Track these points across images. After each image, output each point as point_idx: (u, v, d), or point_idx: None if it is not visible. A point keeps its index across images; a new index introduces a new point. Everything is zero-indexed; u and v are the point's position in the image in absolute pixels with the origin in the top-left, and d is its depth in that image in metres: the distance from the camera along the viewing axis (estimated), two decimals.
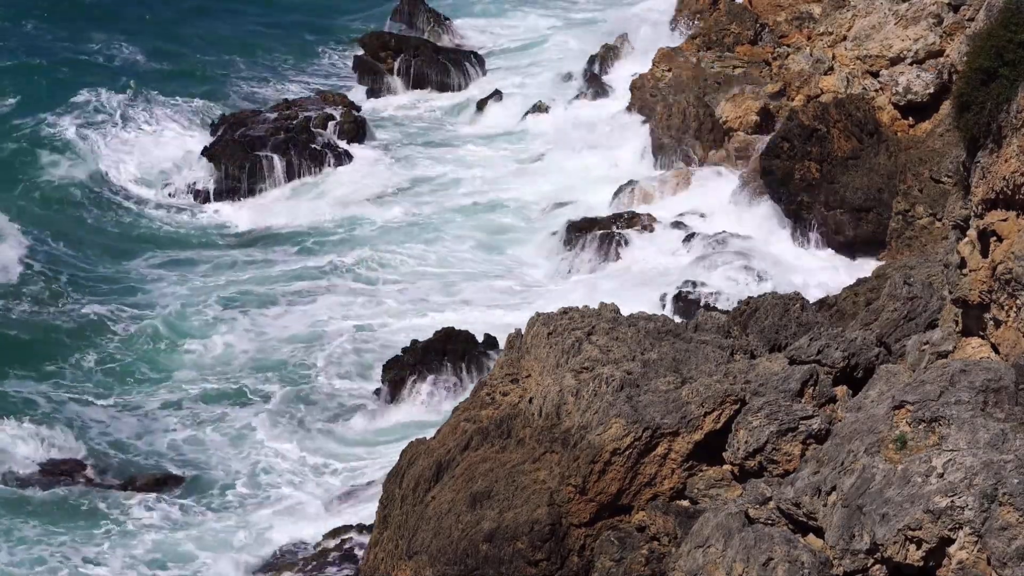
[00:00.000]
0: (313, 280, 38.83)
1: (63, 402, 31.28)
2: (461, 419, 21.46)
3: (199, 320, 35.76)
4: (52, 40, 61.71)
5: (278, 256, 41.08)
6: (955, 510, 13.08)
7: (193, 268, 40.04)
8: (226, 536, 26.40)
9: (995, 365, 14.46)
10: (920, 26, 41.10)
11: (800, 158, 39.34)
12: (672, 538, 17.40)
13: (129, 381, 32.80)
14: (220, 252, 41.54)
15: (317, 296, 37.72)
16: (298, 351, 34.28)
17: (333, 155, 48.59)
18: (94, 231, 42.83)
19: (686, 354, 19.78)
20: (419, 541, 19.30)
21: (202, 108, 54.02)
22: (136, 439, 30.22)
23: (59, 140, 49.57)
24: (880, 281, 25.82)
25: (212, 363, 33.79)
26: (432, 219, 43.86)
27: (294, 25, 67.57)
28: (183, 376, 33.07)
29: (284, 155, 47.84)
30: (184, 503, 27.67)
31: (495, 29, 67.58)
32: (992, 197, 15.70)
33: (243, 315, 36.18)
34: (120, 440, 30.12)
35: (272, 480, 28.54)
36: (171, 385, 32.66)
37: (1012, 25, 15.44)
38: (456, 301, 37.76)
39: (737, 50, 48.24)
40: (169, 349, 34.38)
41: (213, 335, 34.98)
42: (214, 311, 36.27)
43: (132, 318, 35.98)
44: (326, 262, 39.94)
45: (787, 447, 17.20)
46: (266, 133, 49.14)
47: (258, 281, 38.78)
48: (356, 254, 40.39)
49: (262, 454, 29.50)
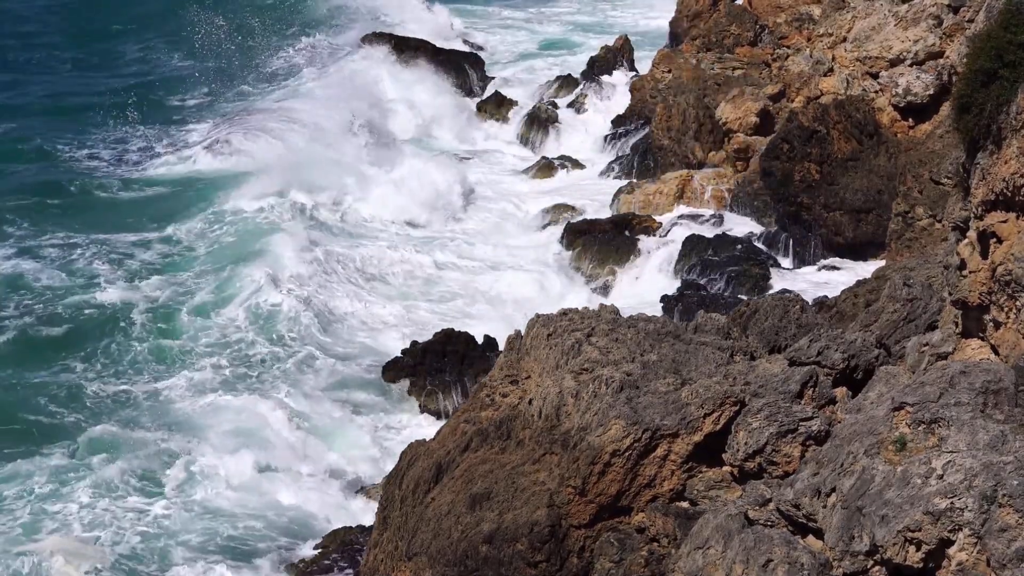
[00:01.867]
0: (314, 279, 38.86)
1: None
2: (461, 420, 21.46)
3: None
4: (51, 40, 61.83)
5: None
6: (955, 511, 13.08)
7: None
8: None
9: (995, 367, 14.46)
10: (920, 27, 41.12)
11: (800, 159, 39.38)
12: (672, 539, 17.39)
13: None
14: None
15: (318, 296, 37.73)
16: (299, 351, 34.29)
17: None
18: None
19: (686, 355, 19.78)
20: (419, 542, 19.30)
21: (203, 108, 54.16)
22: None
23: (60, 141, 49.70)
24: (880, 282, 25.82)
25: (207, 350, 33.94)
26: (432, 219, 43.88)
27: (294, 25, 67.68)
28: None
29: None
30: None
31: (495, 29, 67.66)
32: (992, 198, 15.69)
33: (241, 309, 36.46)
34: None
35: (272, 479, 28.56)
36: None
37: (1012, 26, 15.44)
38: (456, 301, 37.78)
39: (737, 51, 48.28)
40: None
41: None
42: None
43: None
44: (328, 262, 39.96)
45: (787, 448, 17.20)
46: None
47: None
48: (356, 254, 40.41)
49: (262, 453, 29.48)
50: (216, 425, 30.48)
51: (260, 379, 32.77)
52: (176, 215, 43.27)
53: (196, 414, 30.94)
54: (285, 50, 64.55)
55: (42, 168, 47.64)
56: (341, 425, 30.84)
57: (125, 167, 48.15)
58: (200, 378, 32.68)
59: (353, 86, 55.56)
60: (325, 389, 32.42)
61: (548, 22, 69.72)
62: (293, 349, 34.45)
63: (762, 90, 43.92)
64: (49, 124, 52.42)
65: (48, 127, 52.03)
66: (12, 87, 57.08)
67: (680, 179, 42.39)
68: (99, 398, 31.63)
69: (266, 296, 36.80)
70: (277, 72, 61.33)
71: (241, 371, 33.20)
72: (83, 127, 52.18)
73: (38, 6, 71.88)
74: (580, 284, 38.31)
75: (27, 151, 49.14)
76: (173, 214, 43.38)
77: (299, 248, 40.18)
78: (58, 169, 47.58)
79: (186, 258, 40.29)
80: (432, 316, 36.75)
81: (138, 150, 50.18)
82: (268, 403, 31.23)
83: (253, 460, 28.71)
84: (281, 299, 36.59)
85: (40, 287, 37.50)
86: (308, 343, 34.70)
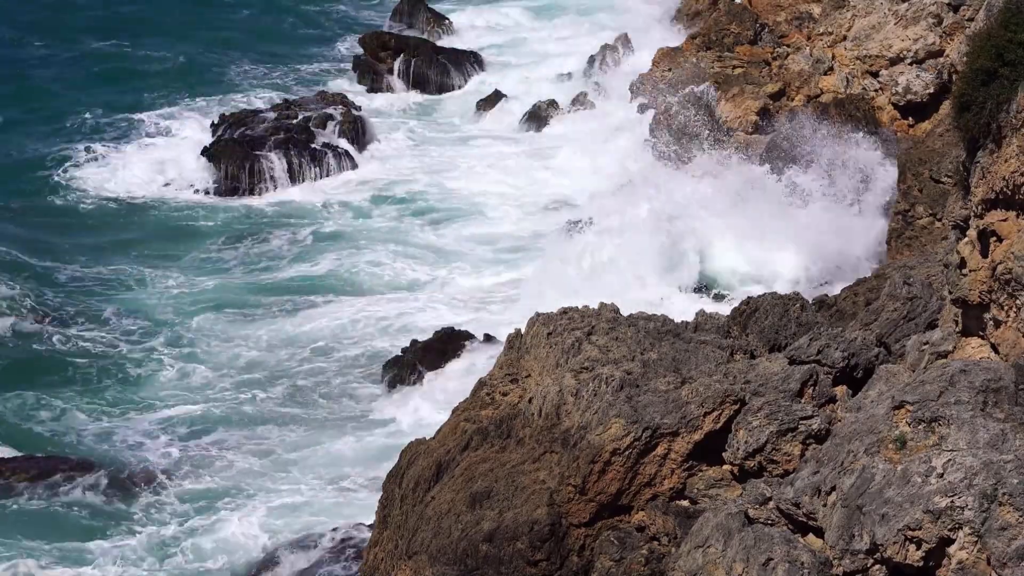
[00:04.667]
0: (314, 279, 38.87)
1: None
2: (461, 419, 21.46)
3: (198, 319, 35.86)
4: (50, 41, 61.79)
5: (279, 253, 41.10)
6: (955, 510, 13.08)
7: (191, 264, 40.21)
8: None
9: (995, 365, 14.46)
10: (920, 26, 41.12)
11: None
12: (672, 538, 17.40)
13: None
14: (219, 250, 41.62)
15: (318, 295, 37.74)
16: (300, 350, 34.27)
17: (333, 155, 48.63)
18: (89, 231, 42.86)
19: (686, 354, 19.78)
20: (419, 541, 19.30)
21: (201, 108, 54.11)
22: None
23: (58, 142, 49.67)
24: (880, 281, 25.78)
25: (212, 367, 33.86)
26: (430, 221, 43.87)
27: (293, 25, 67.63)
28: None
29: (284, 155, 47.91)
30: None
31: (495, 29, 67.60)
32: (992, 197, 15.69)
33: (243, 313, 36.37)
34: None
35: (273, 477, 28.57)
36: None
37: (1012, 25, 15.43)
38: (456, 301, 37.76)
39: (737, 50, 48.21)
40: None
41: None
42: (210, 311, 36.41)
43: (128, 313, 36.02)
44: (328, 261, 39.96)
45: (787, 447, 17.20)
46: (266, 133, 49.17)
47: (258, 279, 38.82)
48: (357, 252, 40.42)
49: (261, 452, 29.49)
50: (214, 424, 30.56)
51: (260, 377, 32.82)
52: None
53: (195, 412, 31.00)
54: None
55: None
56: (341, 425, 30.85)
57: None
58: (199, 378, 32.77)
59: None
60: (323, 387, 32.42)
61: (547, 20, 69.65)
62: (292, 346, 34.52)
63: (762, 88, 43.89)
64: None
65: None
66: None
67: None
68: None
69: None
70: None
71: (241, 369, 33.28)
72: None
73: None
74: (580, 282, 38.22)
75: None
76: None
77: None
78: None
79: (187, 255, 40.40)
80: (432, 316, 36.74)
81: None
82: (268, 402, 31.28)
83: (248, 459, 28.77)
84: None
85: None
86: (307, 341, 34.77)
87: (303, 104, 52.52)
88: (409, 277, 39.20)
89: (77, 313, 36.06)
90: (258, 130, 49.44)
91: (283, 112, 51.20)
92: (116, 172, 47.30)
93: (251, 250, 41.40)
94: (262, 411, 31.26)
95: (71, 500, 27.39)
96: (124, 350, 34.17)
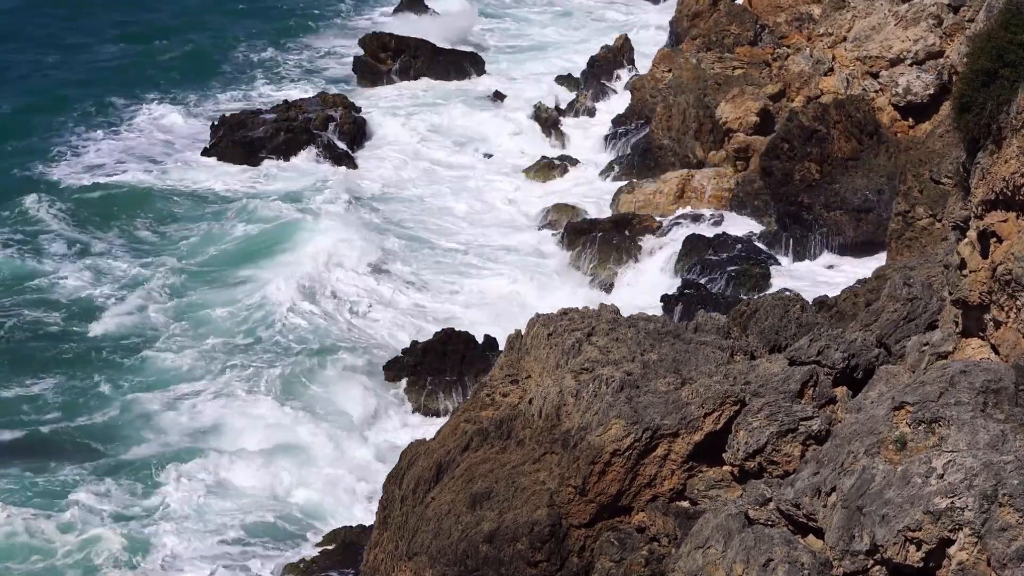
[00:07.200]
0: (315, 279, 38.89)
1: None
2: (461, 420, 21.46)
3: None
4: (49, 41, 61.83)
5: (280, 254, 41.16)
6: (955, 511, 13.08)
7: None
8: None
9: (995, 366, 14.46)
10: (920, 27, 41.14)
11: (800, 159, 39.33)
12: (672, 539, 17.40)
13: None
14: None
15: (320, 295, 37.74)
16: (300, 350, 34.28)
17: (333, 156, 48.63)
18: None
19: (686, 355, 19.78)
20: (419, 542, 19.30)
21: (202, 108, 54.16)
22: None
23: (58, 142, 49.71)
24: (880, 282, 25.80)
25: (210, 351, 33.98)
26: (431, 220, 43.90)
27: (293, 25, 67.69)
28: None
29: (285, 156, 48.00)
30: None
31: (495, 29, 67.65)
32: (992, 198, 15.70)
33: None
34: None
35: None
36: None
37: (1012, 26, 15.45)
38: (456, 300, 37.78)
39: (737, 51, 48.25)
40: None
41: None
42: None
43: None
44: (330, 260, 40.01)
45: (787, 448, 17.20)
46: (266, 134, 49.20)
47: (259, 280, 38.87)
48: (356, 253, 40.42)
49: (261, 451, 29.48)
50: (215, 424, 30.55)
51: (260, 378, 32.78)
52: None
53: (197, 412, 31.01)
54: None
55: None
56: (340, 424, 30.84)
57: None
58: (200, 375, 32.77)
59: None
60: (325, 387, 32.42)
61: (547, 20, 69.72)
62: (292, 347, 34.50)
63: (762, 89, 43.90)
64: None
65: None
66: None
67: (680, 179, 42.35)
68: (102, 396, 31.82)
69: (267, 293, 37.01)
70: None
71: (241, 370, 33.25)
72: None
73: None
74: (580, 283, 38.31)
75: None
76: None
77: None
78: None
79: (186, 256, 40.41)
80: (432, 315, 36.74)
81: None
82: (267, 403, 31.28)
83: (251, 460, 28.73)
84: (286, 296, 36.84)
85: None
86: (309, 341, 34.76)
87: (303, 105, 52.54)
88: (407, 278, 39.19)
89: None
90: (258, 131, 49.47)
91: (283, 113, 51.22)
92: (113, 165, 47.49)
93: (239, 245, 41.49)
94: (261, 408, 31.27)
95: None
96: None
